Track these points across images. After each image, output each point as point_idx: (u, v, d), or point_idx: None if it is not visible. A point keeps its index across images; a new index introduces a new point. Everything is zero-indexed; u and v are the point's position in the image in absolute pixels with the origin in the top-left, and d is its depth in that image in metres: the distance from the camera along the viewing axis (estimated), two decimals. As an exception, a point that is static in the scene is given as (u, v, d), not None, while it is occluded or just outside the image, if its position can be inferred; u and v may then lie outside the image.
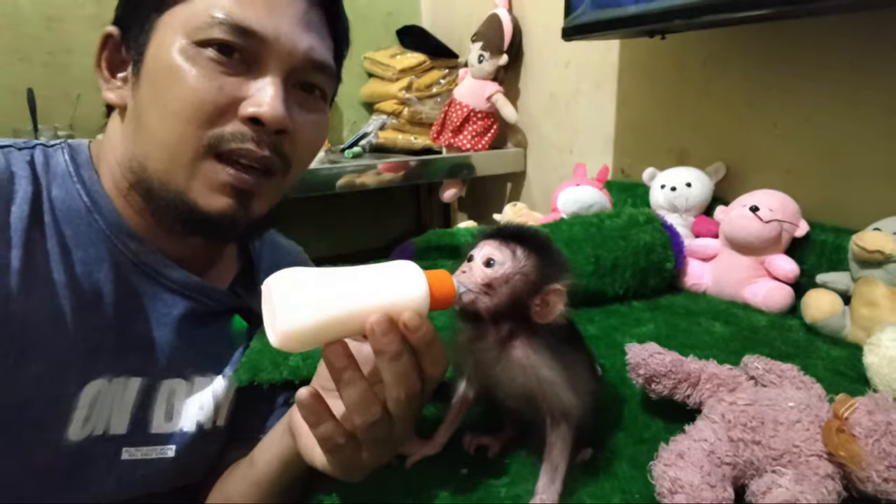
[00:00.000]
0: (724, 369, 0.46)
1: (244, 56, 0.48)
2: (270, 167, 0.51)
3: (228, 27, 0.47)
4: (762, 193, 0.78)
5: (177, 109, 0.47)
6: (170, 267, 0.55)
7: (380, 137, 1.65)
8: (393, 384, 0.37)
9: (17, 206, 0.47)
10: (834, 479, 0.36)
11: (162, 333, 0.55)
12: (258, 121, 0.48)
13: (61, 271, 0.48)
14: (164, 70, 0.48)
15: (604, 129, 1.24)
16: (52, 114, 1.37)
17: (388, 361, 0.36)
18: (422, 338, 0.36)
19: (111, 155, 0.53)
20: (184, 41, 0.47)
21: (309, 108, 0.54)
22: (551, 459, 0.39)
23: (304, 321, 0.34)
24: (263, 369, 0.54)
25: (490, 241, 0.41)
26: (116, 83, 0.53)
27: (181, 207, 0.49)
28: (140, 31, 0.50)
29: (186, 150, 0.48)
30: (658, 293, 0.81)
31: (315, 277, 0.36)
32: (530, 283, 0.39)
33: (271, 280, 0.36)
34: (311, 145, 0.56)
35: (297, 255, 0.75)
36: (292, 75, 0.51)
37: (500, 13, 1.43)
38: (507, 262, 0.39)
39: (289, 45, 0.49)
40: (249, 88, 0.48)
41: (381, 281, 0.37)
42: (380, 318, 0.35)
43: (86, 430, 0.50)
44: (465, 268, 0.40)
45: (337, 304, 0.35)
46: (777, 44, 0.86)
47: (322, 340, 0.36)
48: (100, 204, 0.52)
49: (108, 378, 0.51)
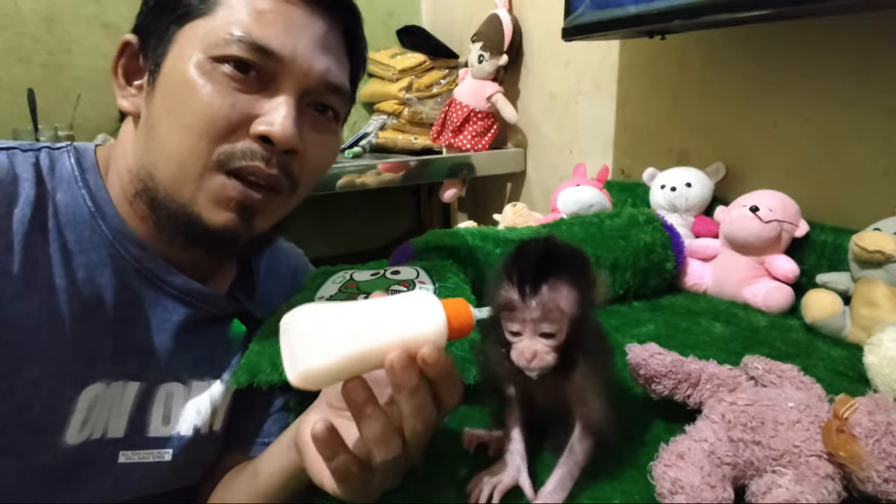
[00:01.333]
0: (724, 369, 0.46)
1: (260, 74, 0.48)
2: (277, 186, 0.51)
3: (246, 45, 0.47)
4: (762, 193, 0.78)
5: (189, 123, 0.47)
6: (171, 273, 0.55)
7: (380, 137, 1.65)
8: (410, 416, 0.36)
9: (20, 210, 0.47)
10: (834, 479, 0.36)
11: (161, 339, 0.55)
12: (269, 139, 0.48)
13: (62, 276, 0.48)
14: (179, 82, 0.48)
15: (604, 129, 1.24)
16: (52, 114, 1.37)
17: (407, 396, 0.36)
18: (439, 371, 0.36)
19: (121, 161, 0.53)
20: (201, 56, 0.47)
21: (321, 129, 0.54)
22: (569, 467, 0.39)
23: (324, 360, 0.34)
24: (262, 371, 0.54)
25: (528, 305, 0.37)
26: (131, 91, 0.53)
27: (183, 219, 0.49)
28: (159, 42, 0.50)
29: (195, 164, 0.48)
30: (658, 293, 0.81)
31: (332, 314, 0.36)
32: (582, 319, 0.37)
33: (288, 318, 0.36)
34: (319, 166, 0.56)
35: (296, 258, 0.75)
36: (306, 96, 0.51)
37: (500, 13, 1.43)
38: (561, 325, 0.37)
39: (305, 66, 0.49)
40: (263, 107, 0.49)
41: (399, 315, 0.36)
42: (399, 355, 0.34)
43: (83, 433, 0.50)
44: (526, 352, 0.37)
45: (356, 341, 0.35)
46: (777, 44, 0.86)
47: (342, 377, 0.36)
48: (104, 209, 0.52)
49: (107, 382, 0.51)
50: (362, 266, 0.70)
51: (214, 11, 0.48)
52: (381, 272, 0.66)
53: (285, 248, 0.74)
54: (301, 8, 0.50)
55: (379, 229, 2.04)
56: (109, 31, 1.48)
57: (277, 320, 0.58)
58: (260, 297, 0.65)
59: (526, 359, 0.37)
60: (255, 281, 0.66)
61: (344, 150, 1.61)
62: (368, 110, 1.86)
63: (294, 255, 0.75)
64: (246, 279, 0.65)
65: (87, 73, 1.47)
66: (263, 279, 0.67)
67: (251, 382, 0.54)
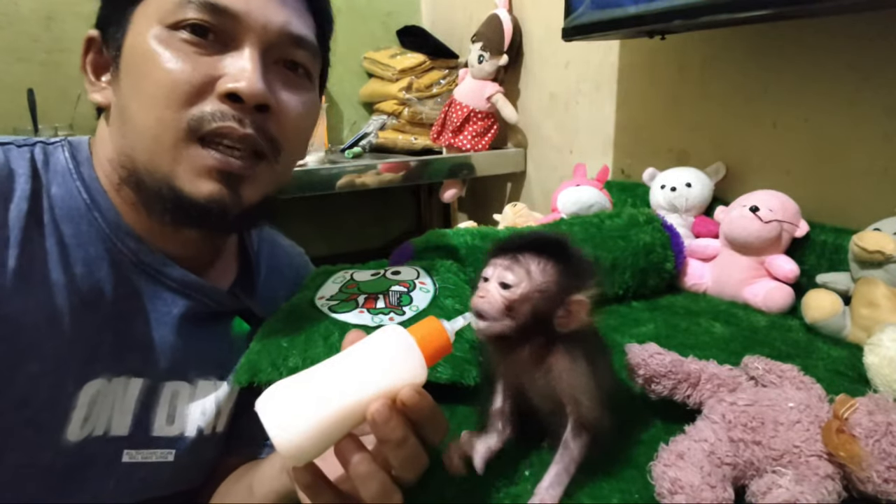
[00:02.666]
0: (724, 369, 0.46)
1: (218, 36, 0.48)
2: (257, 148, 0.50)
3: (199, 6, 0.46)
4: (762, 194, 0.78)
5: (154, 94, 0.47)
6: (169, 265, 0.55)
7: (380, 137, 1.65)
8: (401, 468, 0.36)
9: (16, 205, 0.47)
10: (834, 479, 0.36)
11: (162, 333, 0.54)
12: (237, 97, 0.47)
13: (60, 271, 0.48)
14: (140, 57, 0.48)
15: (604, 129, 1.24)
16: (51, 113, 1.37)
17: (394, 449, 0.35)
18: (421, 412, 0.36)
19: (102, 153, 0.53)
20: (157, 27, 0.47)
21: (293, 86, 0.53)
22: (564, 463, 0.39)
23: (305, 434, 0.34)
24: (262, 370, 0.54)
25: (502, 258, 0.39)
26: (101, 84, 0.52)
27: (168, 195, 0.48)
28: (118, 28, 0.49)
29: (167, 134, 0.47)
30: (658, 293, 0.81)
31: (304, 384, 0.35)
32: (551, 297, 0.38)
33: (260, 403, 0.35)
34: (299, 126, 0.54)
35: (296, 256, 0.75)
36: (271, 51, 0.50)
37: (500, 13, 1.43)
38: (522, 282, 0.38)
39: (262, 20, 0.48)
40: (226, 66, 0.48)
41: (370, 364, 0.36)
42: (379, 408, 0.34)
43: (85, 430, 0.49)
44: (482, 291, 0.38)
45: (331, 407, 0.34)
46: (776, 44, 0.86)
47: (330, 441, 0.35)
48: (99, 202, 0.52)
49: (108, 378, 0.51)
50: (363, 266, 0.70)
51: None
52: (381, 272, 0.66)
53: (286, 246, 0.74)
54: None
55: (379, 229, 2.04)
56: (109, 31, 1.48)
57: (279, 319, 0.59)
58: (261, 295, 0.65)
59: (479, 296, 0.38)
60: (255, 278, 0.66)
61: (344, 150, 1.61)
62: (368, 110, 1.86)
63: (295, 255, 0.75)
64: (247, 277, 0.65)
65: (87, 73, 1.47)
66: (265, 278, 0.67)
67: (252, 382, 0.54)
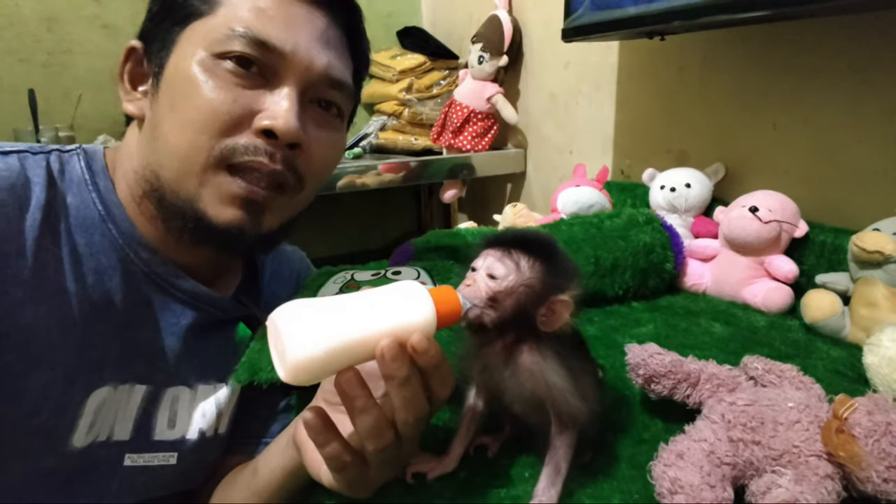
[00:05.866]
0: (723, 369, 0.46)
1: (262, 70, 0.49)
2: (282, 182, 0.51)
3: (247, 40, 0.47)
4: (761, 194, 0.78)
5: (192, 118, 0.47)
6: (181, 277, 0.55)
7: (380, 138, 1.65)
8: (402, 408, 0.36)
9: (31, 213, 0.47)
10: (833, 479, 0.36)
11: (169, 342, 0.55)
12: (272, 133, 0.48)
13: (72, 280, 0.48)
14: (182, 81, 0.48)
15: (603, 129, 1.24)
16: (52, 114, 1.37)
17: (398, 387, 0.36)
18: (430, 360, 0.36)
19: (127, 163, 0.53)
20: (203, 53, 0.48)
21: (325, 125, 0.54)
22: (554, 463, 0.39)
23: (313, 352, 0.33)
24: (263, 369, 0.54)
25: (493, 250, 0.40)
26: (137, 95, 0.53)
27: (190, 216, 0.49)
28: (162, 46, 0.50)
29: (197, 159, 0.48)
30: (658, 294, 0.81)
31: (319, 307, 0.35)
32: (535, 294, 0.38)
33: (275, 315, 0.35)
34: (325, 163, 0.56)
35: (299, 261, 0.75)
36: (309, 91, 0.51)
37: (500, 14, 1.43)
38: (510, 274, 0.39)
39: (306, 60, 0.50)
40: (265, 102, 0.49)
41: (387, 304, 0.36)
42: (389, 344, 0.34)
43: (90, 436, 0.50)
44: (469, 280, 0.39)
45: (344, 331, 0.34)
46: (776, 45, 0.86)
47: (333, 370, 0.35)
48: (114, 213, 0.52)
49: (114, 385, 0.51)
50: (363, 266, 0.71)
51: (216, 11, 0.48)
52: (381, 272, 0.66)
53: (288, 251, 0.75)
54: (301, 4, 0.50)
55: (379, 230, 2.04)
56: (109, 32, 1.49)
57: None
58: (264, 300, 0.65)
59: (465, 284, 0.39)
60: (260, 285, 0.66)
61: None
62: (369, 111, 1.87)
63: (297, 259, 0.75)
64: (251, 283, 0.66)
65: (88, 74, 1.47)
66: (267, 282, 0.67)
67: (252, 380, 0.54)
